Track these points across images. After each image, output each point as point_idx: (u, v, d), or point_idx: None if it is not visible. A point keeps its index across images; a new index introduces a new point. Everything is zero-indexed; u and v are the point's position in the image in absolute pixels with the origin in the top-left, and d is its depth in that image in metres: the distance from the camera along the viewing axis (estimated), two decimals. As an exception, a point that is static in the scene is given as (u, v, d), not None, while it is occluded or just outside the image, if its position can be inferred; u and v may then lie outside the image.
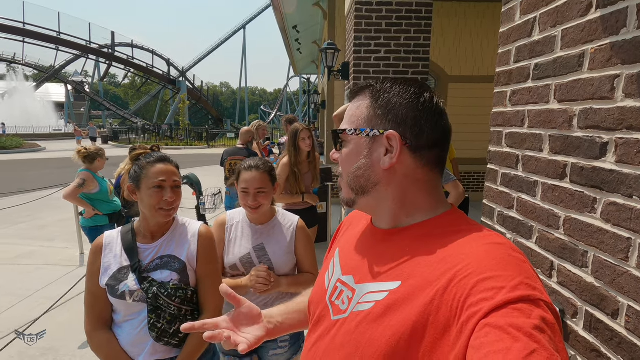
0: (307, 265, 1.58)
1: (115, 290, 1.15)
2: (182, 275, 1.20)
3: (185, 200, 5.91)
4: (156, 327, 1.15)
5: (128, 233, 1.24)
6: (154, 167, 1.20)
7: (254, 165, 1.51)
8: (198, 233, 1.28)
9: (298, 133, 2.88)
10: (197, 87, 43.01)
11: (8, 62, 36.24)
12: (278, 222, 1.58)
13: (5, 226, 5.61)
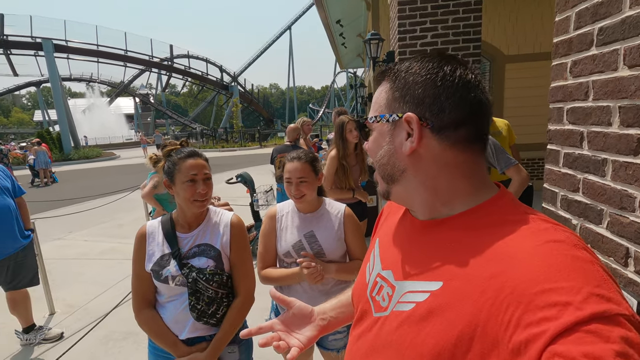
0: (357, 251, 1.60)
1: (159, 275, 1.28)
2: (218, 262, 1.31)
3: (240, 197, 6.25)
4: (196, 308, 1.27)
5: (167, 223, 1.36)
6: (186, 163, 1.29)
7: (296, 156, 1.58)
8: (230, 223, 1.38)
9: (344, 125, 2.87)
10: (248, 91, 44.79)
11: (87, 81, 40.87)
12: (326, 210, 1.62)
13: (92, 225, 6.36)
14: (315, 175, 1.58)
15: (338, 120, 2.93)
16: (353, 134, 2.87)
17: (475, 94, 0.54)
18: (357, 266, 1.56)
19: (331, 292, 1.57)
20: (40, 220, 6.59)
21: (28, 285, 2.77)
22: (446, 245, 0.54)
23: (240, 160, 16.30)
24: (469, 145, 0.55)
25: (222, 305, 1.31)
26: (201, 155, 1.35)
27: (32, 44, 25.38)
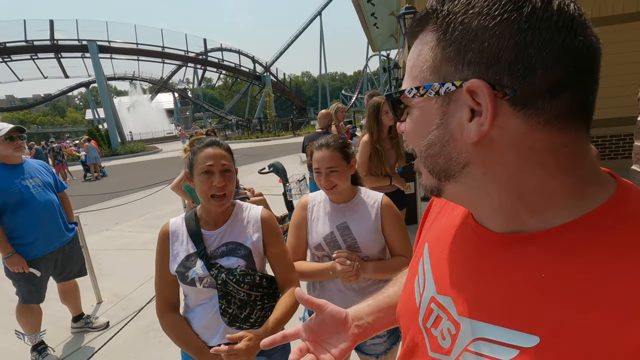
0: (398, 246, 1.44)
1: (185, 277, 1.18)
2: (249, 262, 1.20)
3: (273, 187, 6.22)
4: (227, 312, 1.16)
5: (192, 220, 1.25)
6: (203, 152, 1.18)
7: (324, 143, 1.43)
8: (261, 219, 1.28)
9: (380, 106, 2.66)
10: (281, 80, 44.97)
11: (129, 79, 43.02)
12: (361, 200, 1.47)
13: (136, 217, 6.66)
14: (347, 163, 1.43)
15: (372, 101, 2.72)
16: (389, 115, 2.66)
17: (585, 38, 0.34)
18: (398, 265, 1.39)
19: (368, 291, 1.43)
20: (91, 213, 7.06)
21: (77, 276, 2.90)
22: (539, 277, 0.36)
23: (274, 149, 16.43)
24: (571, 121, 0.36)
25: (256, 309, 1.20)
26: (221, 145, 1.23)
27: (79, 47, 26.96)
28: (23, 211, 2.41)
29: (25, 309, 2.54)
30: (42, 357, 2.55)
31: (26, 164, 2.56)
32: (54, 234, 2.59)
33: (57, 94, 45.57)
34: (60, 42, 26.88)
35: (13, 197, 2.37)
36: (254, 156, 13.67)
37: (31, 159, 2.69)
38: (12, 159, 2.45)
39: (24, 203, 2.41)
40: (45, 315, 2.85)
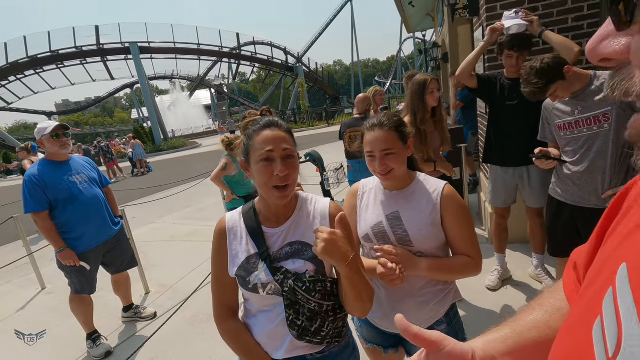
0: (461, 244, 1.24)
1: (247, 283, 1.03)
2: (318, 265, 1.03)
3: (310, 177, 6.12)
4: (296, 324, 1.00)
5: (250, 215, 1.09)
6: (259, 136, 0.99)
7: (377, 122, 1.25)
8: (329, 214, 1.08)
9: (427, 84, 2.41)
10: (313, 70, 44.71)
11: (169, 78, 44.81)
12: (419, 187, 1.29)
13: (179, 209, 6.89)
14: (404, 144, 1.26)
15: (417, 79, 2.48)
16: (435, 95, 2.43)
17: None
18: (459, 266, 1.22)
19: (420, 294, 1.28)
20: (138, 206, 7.41)
21: (128, 268, 2.99)
22: None
23: (309, 140, 16.39)
24: None
25: (328, 321, 1.02)
26: (281, 126, 1.02)
27: (122, 49, 28.40)
28: (72, 206, 2.49)
29: (77, 299, 2.65)
30: (95, 345, 2.66)
31: (72, 161, 2.64)
32: (101, 228, 2.67)
33: (105, 96, 48.60)
34: (105, 46, 28.48)
35: (63, 193, 2.46)
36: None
37: (77, 155, 2.77)
38: (59, 156, 2.53)
39: (72, 198, 2.49)
40: (99, 304, 2.98)
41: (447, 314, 1.31)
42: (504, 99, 2.51)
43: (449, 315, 1.32)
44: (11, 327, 3.35)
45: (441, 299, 1.29)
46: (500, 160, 2.64)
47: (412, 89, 2.48)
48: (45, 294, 3.96)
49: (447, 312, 1.31)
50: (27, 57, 28.35)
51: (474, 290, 2.73)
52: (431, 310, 1.28)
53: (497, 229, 2.80)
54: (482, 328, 0.60)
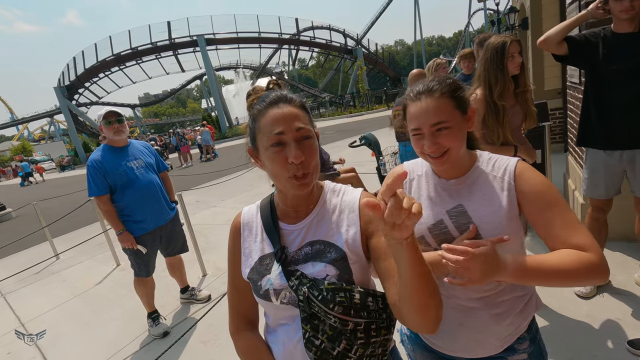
0: (566, 231, 0.83)
1: (258, 288, 0.85)
2: (342, 270, 0.80)
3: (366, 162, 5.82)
4: (314, 344, 0.77)
5: (267, 208, 0.91)
6: (266, 115, 0.79)
7: (424, 89, 0.92)
8: (359, 207, 0.85)
9: (506, 47, 1.93)
10: (373, 52, 43.32)
11: (233, 68, 46.83)
12: (483, 171, 0.97)
13: (238, 193, 7.10)
14: (463, 114, 0.94)
15: (492, 42, 2.01)
16: (516, 61, 1.95)
17: None
18: (577, 261, 0.78)
19: (494, 304, 0.96)
20: (202, 190, 7.82)
21: (179, 252, 3.06)
22: None
23: (368, 124, 15.92)
24: None
25: (356, 344, 0.77)
26: (292, 100, 0.81)
27: (190, 42, 30.27)
28: (130, 191, 2.57)
29: (138, 281, 2.78)
30: (155, 324, 2.77)
31: (131, 146, 2.71)
32: (157, 212, 2.73)
33: (178, 87, 52.55)
34: (176, 41, 30.55)
35: (121, 178, 2.54)
36: (346, 131, 13.43)
37: (135, 140, 2.86)
38: (116, 142, 2.60)
39: (130, 183, 2.57)
40: (160, 284, 3.12)
41: (529, 328, 1.01)
42: (611, 61, 1.96)
43: (531, 330, 1.02)
44: (89, 300, 3.69)
45: (522, 309, 0.98)
46: (603, 142, 2.11)
47: (487, 55, 2.01)
48: (119, 270, 4.32)
49: (529, 326, 1.01)
50: (112, 55, 31.63)
51: (559, 295, 2.29)
52: (511, 325, 0.97)
53: (593, 225, 2.29)
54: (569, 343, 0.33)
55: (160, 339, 2.71)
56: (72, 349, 2.84)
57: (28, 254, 5.89)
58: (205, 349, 2.52)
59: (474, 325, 0.99)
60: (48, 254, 5.32)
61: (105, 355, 2.64)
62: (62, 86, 32.71)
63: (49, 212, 6.43)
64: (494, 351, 1.00)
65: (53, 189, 16.61)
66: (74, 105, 34.10)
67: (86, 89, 36.47)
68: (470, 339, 1.00)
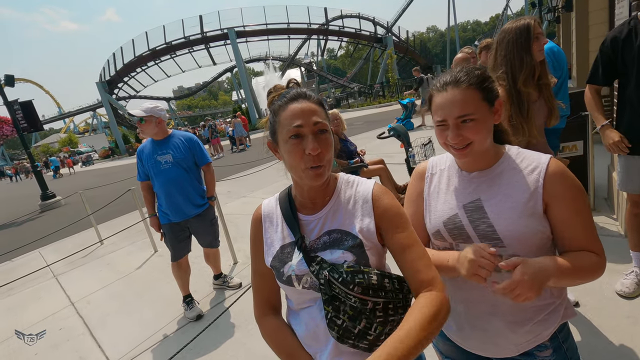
0: (582, 238, 0.89)
1: (281, 274, 0.92)
2: (359, 256, 0.87)
3: (395, 154, 5.75)
4: (336, 323, 0.84)
5: (285, 201, 0.98)
6: (286, 110, 0.86)
7: (451, 79, 0.92)
8: (372, 197, 0.91)
9: (531, 27, 1.68)
10: (403, 40, 42.14)
11: (263, 60, 47.28)
12: (509, 166, 0.95)
13: (268, 184, 7.25)
14: (490, 106, 0.92)
15: (514, 25, 1.74)
16: (542, 43, 1.70)
17: None
18: (587, 265, 0.87)
19: (509, 312, 0.94)
20: (234, 180, 8.05)
21: (208, 247, 3.11)
22: None
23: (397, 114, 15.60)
24: None
25: (375, 322, 0.83)
26: (310, 97, 0.88)
27: (221, 35, 30.83)
28: (157, 182, 2.77)
29: (174, 265, 2.95)
30: (189, 308, 2.92)
31: (170, 139, 2.77)
32: (180, 207, 2.79)
33: (210, 80, 53.82)
34: (208, 34, 31.23)
35: (150, 170, 2.76)
36: (375, 122, 13.25)
37: (180, 131, 2.92)
38: (153, 136, 2.76)
39: (155, 176, 2.76)
40: (195, 269, 3.28)
41: (553, 336, 0.97)
42: None
43: (556, 338, 0.97)
44: (131, 282, 3.95)
45: (543, 319, 0.94)
46: (632, 148, 2.01)
47: (509, 37, 1.73)
48: (157, 256, 4.57)
49: (553, 335, 0.97)
50: (149, 50, 32.87)
51: (599, 294, 2.18)
52: (528, 333, 0.95)
53: (632, 221, 2.16)
54: (607, 346, 0.34)
55: (195, 321, 2.87)
56: (116, 327, 3.07)
57: (76, 239, 6.36)
58: (236, 333, 2.63)
59: (487, 329, 0.98)
60: (93, 239, 5.72)
61: (146, 334, 2.83)
62: (103, 81, 34.53)
63: (93, 201, 6.88)
64: (509, 354, 0.99)
65: (80, 180, 17.80)
66: (114, 99, 35.94)
67: (125, 84, 38.30)
68: (483, 341, 1.00)
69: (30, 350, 2.99)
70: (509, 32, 1.73)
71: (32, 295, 4.19)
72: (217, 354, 2.44)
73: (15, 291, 4.40)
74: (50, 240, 6.49)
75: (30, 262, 5.59)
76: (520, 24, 1.71)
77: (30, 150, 11.36)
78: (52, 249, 6.12)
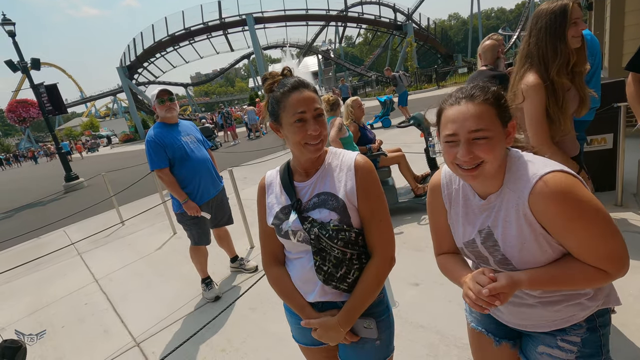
0: (589, 258, 0.85)
1: (280, 230, 1.13)
2: (343, 215, 1.06)
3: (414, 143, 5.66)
4: (322, 269, 1.07)
5: (285, 171, 1.17)
6: (290, 98, 1.03)
7: (466, 93, 0.88)
8: (355, 166, 1.08)
9: (567, 10, 1.53)
10: (424, 28, 41.04)
11: (280, 47, 46.98)
12: (509, 188, 0.90)
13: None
14: (504, 125, 0.88)
15: (548, 7, 1.59)
16: (580, 28, 1.55)
17: None
18: (583, 277, 0.86)
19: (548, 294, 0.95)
20: (249, 167, 8.11)
21: (226, 224, 3.22)
22: None
23: (415, 104, 15.32)
24: None
25: (353, 269, 1.08)
26: (309, 86, 1.06)
27: (239, 21, 30.74)
28: (187, 164, 2.75)
29: (196, 249, 3.00)
30: (208, 289, 3.00)
31: (181, 124, 2.87)
32: (210, 184, 2.90)
33: (227, 67, 53.97)
34: (226, 20, 31.16)
35: (179, 152, 2.72)
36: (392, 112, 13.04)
37: (183, 119, 3.00)
38: (168, 119, 2.77)
39: (186, 157, 2.74)
40: (212, 253, 3.35)
41: (590, 318, 0.96)
42: None
43: (593, 320, 0.97)
44: (151, 262, 4.08)
45: (579, 303, 0.94)
46: None
47: (540, 23, 1.60)
48: (175, 238, 4.69)
49: (591, 317, 0.96)
50: (168, 36, 33.08)
51: (625, 292, 2.10)
52: (560, 312, 0.95)
53: None
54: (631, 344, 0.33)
55: (213, 302, 2.94)
56: (138, 304, 3.19)
57: (99, 219, 6.58)
58: (252, 314, 2.69)
59: (519, 305, 1.00)
60: (115, 220, 5.90)
61: (166, 313, 2.92)
62: (124, 66, 35.06)
63: (113, 184, 7.07)
64: (542, 329, 1.01)
65: (90, 165, 18.25)
66: (134, 85, 36.51)
67: (144, 69, 38.78)
68: (516, 316, 1.03)
69: (57, 324, 3.14)
70: (543, 17, 1.59)
71: (58, 271, 4.38)
72: (234, 334, 2.51)
73: (43, 267, 4.61)
74: (74, 220, 6.74)
75: (56, 239, 5.82)
76: (556, 7, 1.56)
77: (54, 133, 11.72)
78: (76, 228, 6.36)
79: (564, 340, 0.97)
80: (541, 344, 1.01)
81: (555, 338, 0.98)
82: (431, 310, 2.30)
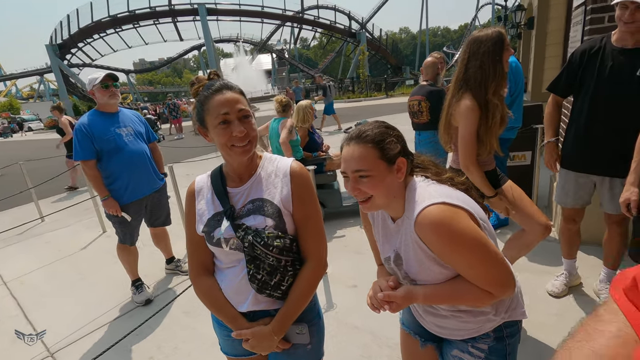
0: (475, 281, 0.94)
1: (211, 238, 1.07)
2: (278, 222, 1.05)
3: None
4: (256, 278, 1.04)
5: (217, 176, 1.12)
6: (213, 100, 1.00)
7: (355, 134, 0.97)
8: (290, 172, 1.08)
9: (504, 39, 1.70)
10: (376, 37, 42.65)
11: (233, 41, 45.74)
12: (406, 215, 0.98)
13: (229, 171, 7.08)
14: (388, 164, 0.95)
15: (485, 34, 1.72)
16: (510, 53, 1.74)
17: None
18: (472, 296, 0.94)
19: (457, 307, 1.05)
20: (194, 163, 7.76)
21: (163, 225, 3.05)
22: None
23: (365, 111, 15.87)
24: None
25: (287, 276, 1.07)
26: (233, 88, 1.03)
27: (191, 10, 29.37)
28: (117, 157, 2.53)
29: (123, 248, 2.78)
30: (138, 292, 2.80)
31: (121, 113, 2.66)
32: (144, 181, 2.71)
33: (175, 57, 51.24)
34: (176, 7, 29.58)
35: (108, 144, 2.50)
36: (343, 117, 13.34)
37: (126, 108, 2.81)
38: (109, 107, 2.56)
39: (117, 150, 2.53)
40: (145, 253, 3.14)
41: (497, 329, 1.06)
42: (604, 81, 1.86)
43: (500, 330, 1.06)
44: (74, 263, 3.70)
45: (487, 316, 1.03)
46: (578, 164, 2.11)
47: (482, 49, 1.71)
48: (105, 237, 4.32)
49: (498, 327, 1.05)
50: (109, 16, 30.50)
51: (531, 293, 2.38)
52: (469, 323, 1.05)
53: (564, 234, 2.32)
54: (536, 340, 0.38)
55: (143, 306, 2.76)
56: (54, 310, 2.87)
57: (12, 214, 5.83)
58: (187, 319, 2.57)
59: (435, 315, 1.10)
60: (33, 215, 5.28)
61: (88, 318, 2.67)
62: (55, 44, 31.56)
63: (34, 174, 6.32)
64: (456, 337, 1.10)
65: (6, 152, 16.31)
66: (65, 65, 33.02)
67: (79, 50, 35.27)
68: (435, 324, 1.13)
69: (-49, 332, 2.72)
70: (485, 42, 1.71)
71: (-44, 273, 3.80)
72: (165, 339, 2.37)
73: (-64, 267, 3.97)
74: (-19, 214, 5.90)
75: (-45, 236, 5.05)
76: (494, 35, 1.71)
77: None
78: (-17, 223, 5.57)
79: (474, 346, 1.07)
80: (455, 348, 1.11)
81: (467, 344, 1.08)
82: (366, 312, 2.38)
